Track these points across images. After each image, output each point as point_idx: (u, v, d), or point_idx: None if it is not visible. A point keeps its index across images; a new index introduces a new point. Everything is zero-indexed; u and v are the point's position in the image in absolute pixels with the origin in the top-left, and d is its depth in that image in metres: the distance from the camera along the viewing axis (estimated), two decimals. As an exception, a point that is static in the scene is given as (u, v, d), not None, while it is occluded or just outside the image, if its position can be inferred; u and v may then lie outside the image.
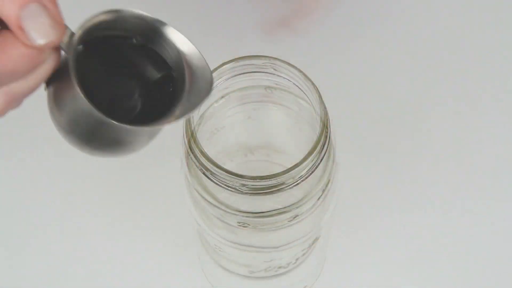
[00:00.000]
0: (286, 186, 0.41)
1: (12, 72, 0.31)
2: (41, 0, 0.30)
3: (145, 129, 0.36)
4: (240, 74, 0.43)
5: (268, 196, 0.41)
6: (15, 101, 0.33)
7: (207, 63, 0.35)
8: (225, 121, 0.48)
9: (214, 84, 0.43)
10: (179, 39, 0.35)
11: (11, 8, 0.30)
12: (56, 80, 0.34)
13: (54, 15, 0.31)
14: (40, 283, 0.55)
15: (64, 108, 0.34)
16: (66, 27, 0.32)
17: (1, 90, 0.31)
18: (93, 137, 0.35)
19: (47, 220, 0.57)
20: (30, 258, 0.56)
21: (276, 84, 0.44)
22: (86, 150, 0.36)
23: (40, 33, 0.30)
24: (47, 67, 0.32)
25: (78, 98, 0.32)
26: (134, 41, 0.36)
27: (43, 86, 0.34)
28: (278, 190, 0.41)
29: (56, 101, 0.34)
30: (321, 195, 0.45)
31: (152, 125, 0.35)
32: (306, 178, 0.41)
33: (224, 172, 0.40)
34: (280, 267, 0.53)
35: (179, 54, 0.35)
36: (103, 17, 0.33)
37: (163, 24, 0.35)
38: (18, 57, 0.31)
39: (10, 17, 0.30)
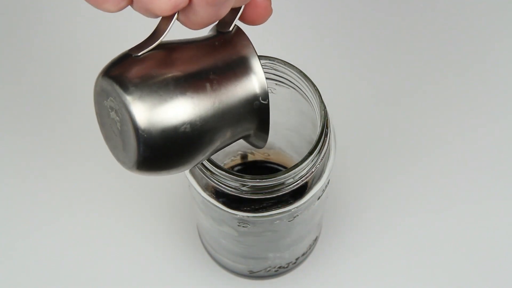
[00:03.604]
0: (286, 186, 0.41)
1: None
2: None
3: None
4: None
5: (268, 196, 0.41)
6: None
7: None
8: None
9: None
10: None
11: None
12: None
13: None
14: (38, 284, 0.55)
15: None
16: None
17: None
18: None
19: (44, 221, 0.57)
20: (30, 258, 0.56)
21: (276, 84, 0.44)
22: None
23: None
24: None
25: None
26: None
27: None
28: (278, 190, 0.41)
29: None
30: (321, 195, 0.45)
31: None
32: (306, 178, 0.41)
33: (224, 172, 0.40)
34: (280, 267, 0.53)
35: None
36: None
37: None
38: None
39: None
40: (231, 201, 0.43)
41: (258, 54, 0.36)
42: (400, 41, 0.63)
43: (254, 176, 0.40)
